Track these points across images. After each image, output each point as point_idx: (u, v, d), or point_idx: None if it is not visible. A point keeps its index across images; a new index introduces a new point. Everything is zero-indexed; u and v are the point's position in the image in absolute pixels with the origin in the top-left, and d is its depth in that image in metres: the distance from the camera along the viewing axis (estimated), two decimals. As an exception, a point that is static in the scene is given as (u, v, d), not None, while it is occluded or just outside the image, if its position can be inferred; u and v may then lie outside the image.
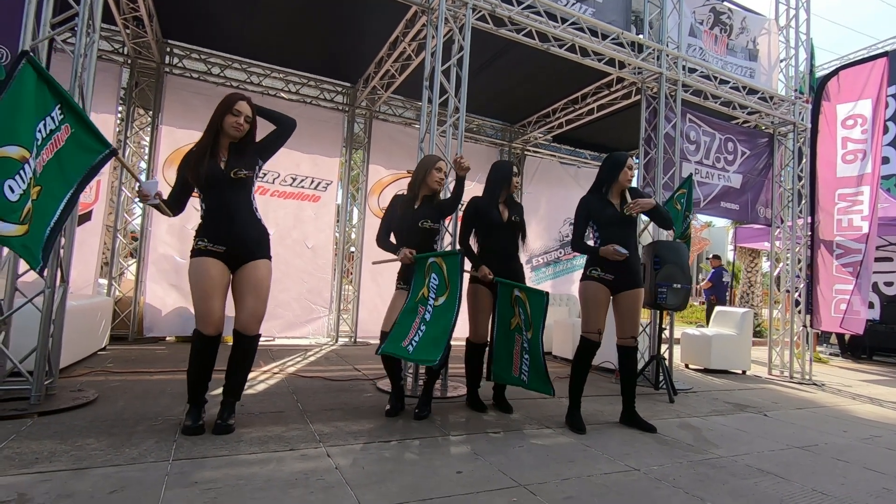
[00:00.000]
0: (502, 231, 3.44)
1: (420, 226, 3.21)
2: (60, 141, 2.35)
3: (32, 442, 2.24)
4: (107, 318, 4.80)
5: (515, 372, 3.22)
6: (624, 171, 3.17)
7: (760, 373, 6.25)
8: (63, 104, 2.38)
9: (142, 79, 5.88)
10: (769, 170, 6.45)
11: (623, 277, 3.11)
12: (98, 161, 2.44)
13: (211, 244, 2.54)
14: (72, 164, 2.37)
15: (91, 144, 2.42)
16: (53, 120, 2.33)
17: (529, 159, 8.35)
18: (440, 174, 3.30)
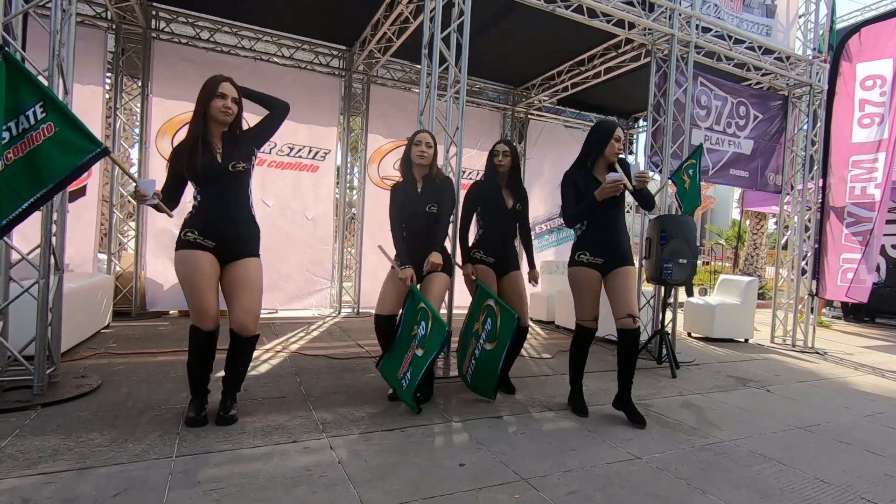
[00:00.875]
0: (505, 218, 3.40)
1: (427, 210, 3.08)
2: (37, 140, 2.22)
3: (36, 438, 2.25)
4: (108, 297, 4.78)
5: (465, 369, 3.29)
6: (610, 144, 2.88)
7: (763, 340, 6.27)
8: (46, 102, 2.24)
9: (128, 45, 5.62)
10: (781, 134, 6.22)
11: (613, 258, 2.93)
12: (86, 160, 2.30)
13: (201, 238, 2.45)
14: (50, 161, 2.24)
15: (78, 144, 2.28)
16: (29, 118, 2.21)
17: (533, 123, 8.09)
18: (419, 147, 3.11)
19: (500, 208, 3.37)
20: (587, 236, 2.97)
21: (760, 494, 2.12)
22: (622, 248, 2.96)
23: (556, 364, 4.35)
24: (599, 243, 2.93)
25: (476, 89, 7.61)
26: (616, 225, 2.96)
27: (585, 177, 2.97)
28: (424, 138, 3.14)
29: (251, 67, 6.17)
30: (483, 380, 3.14)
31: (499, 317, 3.10)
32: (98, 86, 5.52)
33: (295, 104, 6.42)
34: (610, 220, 2.94)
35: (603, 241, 2.93)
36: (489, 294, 3.20)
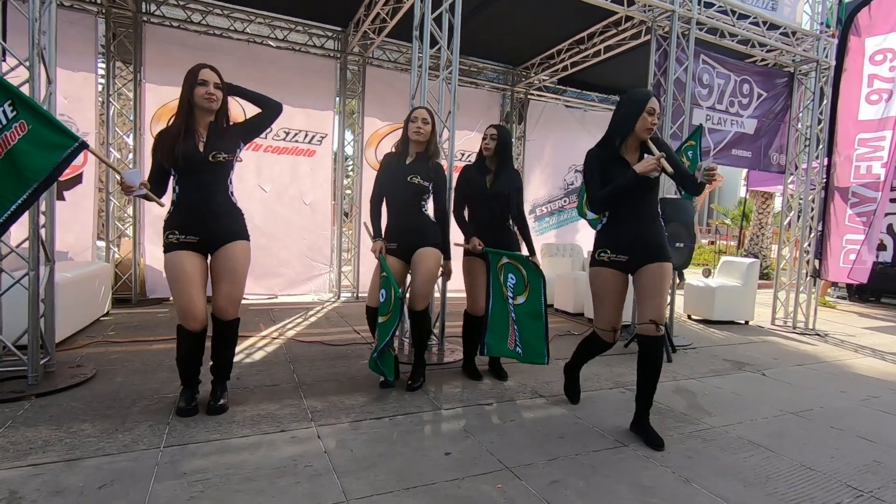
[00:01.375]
0: (490, 203, 3.32)
1: (408, 180, 3.04)
2: (12, 140, 2.20)
3: (28, 429, 2.28)
4: (106, 284, 4.82)
5: (511, 344, 3.13)
6: (642, 119, 2.39)
7: (764, 322, 6.24)
8: (14, 100, 2.20)
9: (119, 30, 5.55)
10: (786, 112, 6.08)
11: (641, 254, 2.47)
12: (66, 155, 2.27)
13: (182, 236, 2.44)
14: (30, 161, 2.22)
15: (54, 140, 2.25)
16: (2, 118, 2.18)
17: (533, 103, 7.95)
18: (415, 124, 3.07)
19: (483, 192, 3.29)
20: (608, 230, 2.54)
21: (745, 483, 2.12)
22: (653, 243, 2.47)
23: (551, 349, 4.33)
24: (623, 237, 2.48)
25: (474, 70, 7.46)
26: (645, 214, 2.48)
27: (613, 159, 2.50)
28: (421, 114, 3.09)
29: (245, 51, 6.08)
30: (532, 345, 2.98)
31: (521, 268, 3.01)
32: (90, 72, 5.47)
33: (290, 88, 6.41)
34: (636, 210, 2.47)
35: (627, 235, 2.47)
36: (500, 254, 3.09)
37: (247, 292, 6.13)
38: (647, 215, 2.49)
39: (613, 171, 2.46)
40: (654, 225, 2.50)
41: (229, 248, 2.55)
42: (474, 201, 3.37)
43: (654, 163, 2.33)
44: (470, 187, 3.35)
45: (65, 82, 5.31)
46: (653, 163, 2.33)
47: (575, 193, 8.40)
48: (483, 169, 3.37)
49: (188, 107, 2.47)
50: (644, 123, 2.42)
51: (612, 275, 2.52)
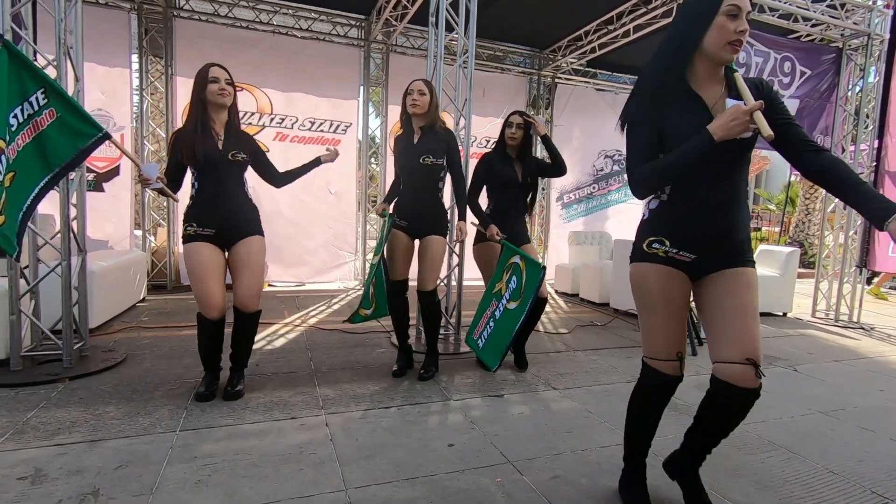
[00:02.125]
0: (516, 190, 3.27)
1: (421, 162, 2.98)
2: (42, 124, 2.32)
3: (59, 410, 2.43)
4: (142, 272, 5.05)
5: (476, 333, 3.06)
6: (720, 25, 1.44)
7: (804, 314, 5.94)
8: (47, 88, 2.32)
9: (150, 25, 5.72)
10: (832, 91, 5.69)
11: (716, 253, 1.60)
12: (89, 144, 2.40)
13: (200, 228, 2.53)
14: (55, 147, 2.34)
15: (80, 128, 2.38)
16: (33, 104, 2.30)
17: (561, 87, 7.75)
18: (411, 97, 2.99)
19: (510, 182, 3.23)
20: (668, 212, 1.60)
21: (758, 485, 2.03)
22: (735, 238, 1.59)
23: (571, 340, 4.28)
24: (692, 225, 1.57)
25: (500, 54, 7.33)
26: (729, 196, 1.55)
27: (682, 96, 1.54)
28: (417, 86, 2.99)
29: (270, 42, 6.17)
30: (494, 345, 2.90)
31: (524, 271, 2.89)
32: (125, 67, 5.68)
33: (315, 78, 6.47)
34: (718, 187, 1.53)
35: (699, 223, 1.56)
36: (514, 251, 3.01)
37: (274, 279, 6.37)
38: (731, 198, 1.56)
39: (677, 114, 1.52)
40: (740, 212, 1.59)
41: (246, 242, 2.62)
42: (497, 191, 3.29)
43: (742, 119, 1.36)
44: (493, 176, 3.26)
45: (101, 78, 5.55)
46: (741, 119, 1.36)
47: (605, 180, 8.19)
48: (506, 158, 3.28)
49: (202, 105, 2.55)
50: (725, 32, 1.45)
51: (669, 276, 1.62)
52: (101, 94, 5.58)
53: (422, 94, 2.98)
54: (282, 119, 6.26)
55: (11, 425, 2.25)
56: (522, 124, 3.25)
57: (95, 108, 5.56)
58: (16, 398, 2.56)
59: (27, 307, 3.01)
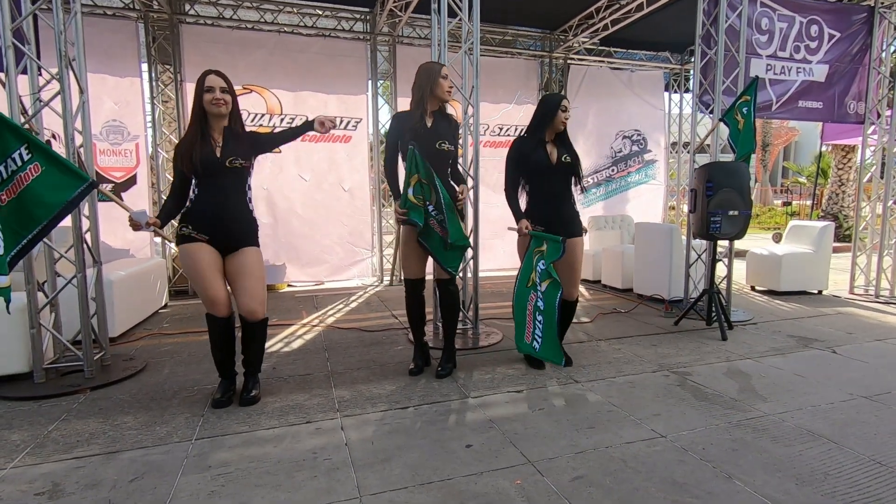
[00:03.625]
0: (552, 174, 3.07)
1: (438, 147, 2.88)
2: (26, 179, 2.32)
3: (79, 422, 2.45)
4: (162, 278, 5.11)
5: (528, 337, 2.96)
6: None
7: (841, 291, 5.66)
8: (30, 144, 2.33)
9: (158, 33, 5.74)
10: (865, 54, 5.35)
11: None
12: (76, 195, 2.40)
13: (195, 232, 2.50)
14: (41, 201, 2.33)
15: (67, 181, 2.37)
16: (16, 161, 2.30)
17: (574, 69, 7.51)
18: (447, 81, 2.92)
19: (549, 167, 3.03)
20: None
21: (798, 480, 1.90)
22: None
23: (593, 329, 4.16)
24: None
25: (509, 38, 7.14)
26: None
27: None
28: (447, 71, 2.95)
29: (276, 41, 6.13)
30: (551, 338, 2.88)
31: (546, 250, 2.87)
32: (136, 77, 5.71)
33: (322, 75, 6.42)
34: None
35: None
36: (540, 238, 2.92)
37: (293, 280, 6.38)
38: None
39: None
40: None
41: (242, 252, 2.59)
42: (537, 177, 3.10)
43: None
44: (531, 163, 3.06)
45: (113, 88, 5.61)
46: None
47: (623, 161, 7.94)
48: (541, 142, 3.08)
49: (201, 114, 2.53)
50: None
51: None
52: (114, 104, 5.64)
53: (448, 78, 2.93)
54: (292, 119, 6.23)
55: (33, 439, 2.27)
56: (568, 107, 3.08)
57: (110, 119, 5.63)
58: (38, 411, 2.59)
59: (47, 320, 3.05)
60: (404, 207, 2.83)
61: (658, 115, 8.09)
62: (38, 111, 2.93)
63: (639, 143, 7.96)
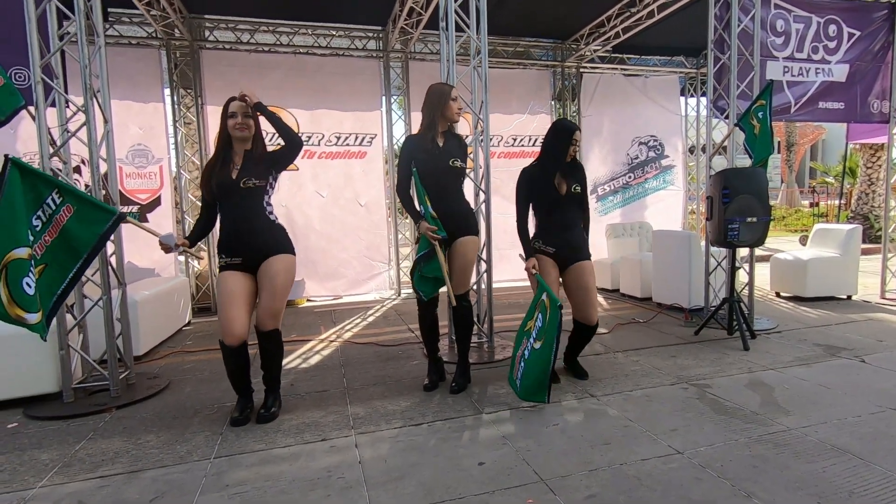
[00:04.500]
0: (562, 205, 3.10)
1: (451, 165, 2.93)
2: (62, 220, 2.50)
3: (104, 441, 2.53)
4: (185, 297, 5.25)
5: (515, 375, 2.90)
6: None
7: (871, 295, 5.47)
8: (60, 188, 2.51)
9: (179, 59, 5.96)
10: (888, 51, 5.21)
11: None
12: (107, 228, 2.57)
13: (228, 258, 2.61)
14: (78, 237, 2.52)
15: (97, 216, 2.55)
16: (50, 206, 2.48)
17: (587, 77, 7.49)
18: (458, 103, 3.00)
19: (554, 196, 3.08)
20: None
21: (820, 498, 1.84)
22: None
23: (610, 340, 4.11)
24: None
25: (520, 49, 7.18)
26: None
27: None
28: (456, 93, 3.03)
29: (292, 62, 6.29)
30: (532, 384, 2.76)
31: (548, 309, 2.74)
32: (159, 102, 5.94)
33: (337, 93, 6.56)
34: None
35: None
36: (545, 288, 2.86)
37: (312, 294, 6.48)
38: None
39: None
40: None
41: (270, 261, 2.66)
42: (546, 207, 3.13)
43: None
44: (541, 194, 3.11)
45: (138, 114, 5.83)
46: None
47: (640, 168, 7.86)
48: (549, 169, 3.10)
49: (226, 138, 2.66)
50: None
51: None
52: (138, 129, 5.86)
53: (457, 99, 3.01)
54: (308, 136, 6.36)
55: (61, 458, 2.36)
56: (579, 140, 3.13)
57: (135, 144, 5.85)
58: (67, 430, 2.69)
59: (76, 341, 3.17)
60: (433, 225, 2.86)
61: (675, 119, 7.99)
62: (65, 142, 3.07)
63: (655, 149, 7.88)
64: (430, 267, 2.94)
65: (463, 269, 3.01)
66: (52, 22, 3.05)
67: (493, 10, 5.51)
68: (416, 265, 2.99)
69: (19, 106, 2.88)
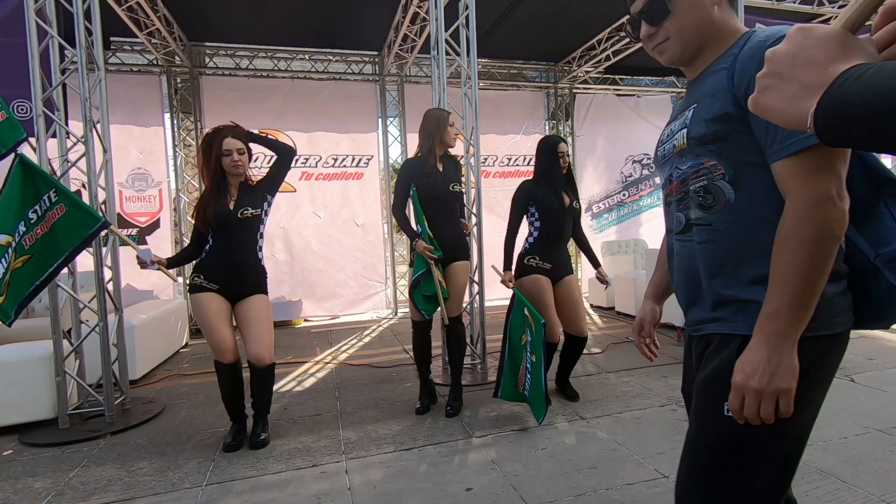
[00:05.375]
0: (564, 219, 3.16)
1: (452, 190, 3.00)
2: (54, 217, 2.69)
3: (97, 468, 2.56)
4: (183, 319, 5.29)
5: (520, 387, 2.95)
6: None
7: (865, 312, 5.48)
8: (57, 188, 2.72)
9: (180, 85, 6.10)
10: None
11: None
12: (91, 232, 2.76)
13: (206, 282, 2.63)
14: (65, 235, 2.69)
15: (85, 220, 2.74)
16: (47, 201, 2.68)
17: (580, 97, 7.64)
18: (454, 128, 3.07)
19: (559, 208, 3.12)
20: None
21: (802, 523, 1.86)
22: None
23: (603, 360, 4.14)
24: None
25: (514, 71, 7.32)
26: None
27: None
28: (452, 118, 3.09)
29: (290, 87, 6.43)
30: (536, 397, 2.81)
31: (532, 326, 2.80)
32: (159, 126, 6.07)
33: (335, 116, 6.67)
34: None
35: None
36: (525, 302, 2.92)
37: (309, 315, 6.51)
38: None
39: None
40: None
41: (250, 300, 2.72)
42: (548, 219, 3.16)
43: None
44: (542, 204, 3.15)
45: (138, 139, 5.95)
46: None
47: (634, 185, 7.95)
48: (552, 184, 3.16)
49: (220, 172, 2.69)
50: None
51: None
52: (139, 153, 5.98)
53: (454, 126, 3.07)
54: (306, 159, 6.48)
55: (54, 486, 2.38)
56: (569, 151, 3.22)
57: (135, 167, 5.96)
58: (61, 457, 2.71)
59: (72, 367, 3.21)
60: (431, 244, 2.92)
61: (667, 138, 8.10)
62: (65, 171, 3.15)
63: (649, 167, 7.97)
64: (429, 285, 2.98)
65: (458, 292, 3.07)
66: (55, 56, 3.16)
67: (486, 35, 5.67)
68: (415, 285, 3.03)
69: (21, 139, 2.96)
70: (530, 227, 3.25)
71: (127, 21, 4.75)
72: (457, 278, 3.06)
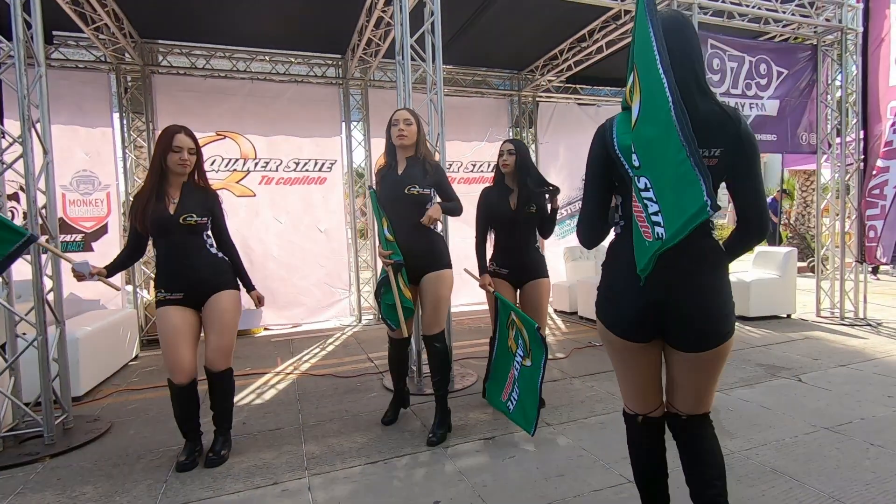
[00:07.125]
0: (515, 224, 3.13)
1: (407, 192, 2.80)
2: None
3: (34, 495, 2.36)
4: (132, 329, 5.01)
5: (504, 396, 2.85)
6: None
7: (809, 314, 5.80)
8: None
9: (130, 83, 5.80)
10: (812, 88, 5.65)
11: None
12: (15, 248, 2.47)
13: (169, 294, 2.51)
14: None
15: (4, 236, 2.46)
16: None
17: (543, 106, 7.76)
18: (397, 127, 2.83)
19: (507, 213, 3.12)
20: None
21: (760, 523, 1.92)
22: None
23: (568, 365, 4.19)
24: None
25: (478, 78, 7.37)
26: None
27: None
28: (402, 115, 2.85)
29: (250, 89, 6.23)
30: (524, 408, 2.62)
31: (524, 330, 2.67)
32: (107, 127, 5.74)
33: (296, 119, 6.51)
34: None
35: None
36: (510, 307, 2.83)
37: (270, 323, 6.31)
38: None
39: None
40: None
41: (215, 298, 2.58)
42: (499, 226, 3.19)
43: None
44: (492, 210, 3.16)
45: (85, 140, 5.61)
46: None
47: (595, 192, 8.12)
48: (504, 189, 3.18)
49: (160, 169, 2.53)
50: None
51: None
52: (85, 155, 5.63)
53: (408, 123, 2.85)
54: (266, 162, 6.28)
55: (-16, 517, 2.19)
56: (513, 150, 3.14)
57: (80, 169, 5.61)
58: (-7, 484, 2.50)
59: (6, 385, 2.96)
60: (387, 249, 2.81)
61: (626, 147, 8.35)
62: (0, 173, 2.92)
63: (609, 175, 8.17)
64: (389, 294, 2.83)
65: (434, 306, 2.85)
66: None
67: (452, 41, 5.68)
68: (377, 292, 2.94)
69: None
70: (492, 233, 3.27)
71: (71, 14, 4.48)
72: (433, 291, 2.86)
